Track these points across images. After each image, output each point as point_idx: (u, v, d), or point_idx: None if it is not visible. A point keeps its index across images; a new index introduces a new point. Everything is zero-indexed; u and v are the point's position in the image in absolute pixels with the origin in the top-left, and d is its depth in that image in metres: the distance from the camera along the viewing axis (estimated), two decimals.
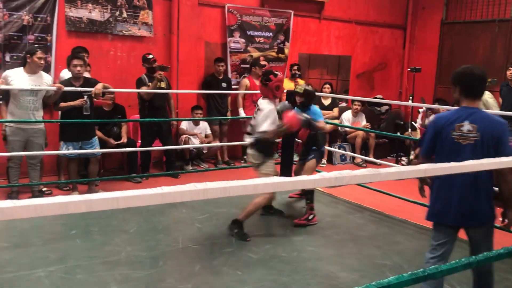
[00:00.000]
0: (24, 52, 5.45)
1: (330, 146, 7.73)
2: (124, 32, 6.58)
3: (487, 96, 6.81)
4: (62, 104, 5.20)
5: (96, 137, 5.53)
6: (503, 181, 2.77)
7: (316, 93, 7.93)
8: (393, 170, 1.41)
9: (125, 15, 6.54)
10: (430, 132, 2.92)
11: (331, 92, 7.93)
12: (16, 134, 5.08)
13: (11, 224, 4.28)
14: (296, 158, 7.31)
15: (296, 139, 6.64)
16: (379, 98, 8.62)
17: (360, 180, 1.38)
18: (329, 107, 8.05)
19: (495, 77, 6.34)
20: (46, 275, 3.43)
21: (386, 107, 8.82)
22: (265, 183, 1.26)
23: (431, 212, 2.97)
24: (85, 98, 5.19)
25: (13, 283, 3.32)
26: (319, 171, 5.76)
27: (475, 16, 8.60)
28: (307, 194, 4.88)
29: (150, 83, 6.09)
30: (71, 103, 5.16)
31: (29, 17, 5.89)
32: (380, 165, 6.64)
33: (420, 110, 8.36)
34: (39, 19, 5.96)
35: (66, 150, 5.28)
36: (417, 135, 7.56)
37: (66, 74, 5.52)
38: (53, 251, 3.85)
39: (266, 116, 4.29)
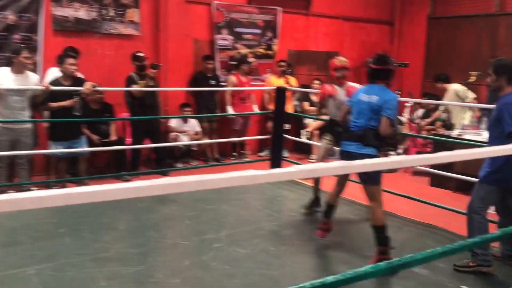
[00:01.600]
0: (9, 51, 5.44)
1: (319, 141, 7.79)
2: (111, 30, 6.58)
3: (459, 87, 6.93)
4: (53, 104, 5.20)
5: (84, 136, 5.54)
6: None
7: (306, 89, 8.03)
8: (366, 162, 1.45)
9: (112, 13, 6.54)
10: None
11: None
12: (3, 134, 5.08)
13: None
14: (286, 153, 7.39)
15: (286, 136, 6.70)
16: None
17: (333, 172, 1.42)
18: (318, 104, 8.09)
19: (481, 72, 6.41)
20: (35, 273, 3.45)
21: None
22: (241, 175, 1.30)
23: None
24: (77, 98, 5.20)
25: (2, 281, 3.34)
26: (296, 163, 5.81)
27: (461, 11, 8.68)
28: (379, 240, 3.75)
29: (140, 81, 6.11)
30: (63, 103, 5.17)
31: (15, 16, 5.87)
32: None
33: (408, 104, 8.44)
34: (24, 18, 5.94)
35: (55, 150, 5.30)
36: (405, 130, 7.63)
37: (53, 72, 5.52)
38: (42, 249, 3.87)
39: None
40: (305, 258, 3.90)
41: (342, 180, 4.14)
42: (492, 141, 3.55)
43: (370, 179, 3.62)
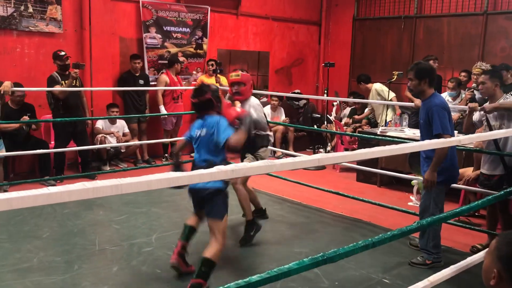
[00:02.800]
0: None
1: None
2: (31, 28, 6.23)
3: (380, 86, 7.29)
4: None
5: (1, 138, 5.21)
6: None
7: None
8: (287, 160, 1.48)
9: (31, 10, 6.19)
10: (447, 115, 3.58)
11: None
12: None
13: None
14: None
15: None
16: (297, 93, 8.87)
17: (256, 171, 1.43)
18: None
19: (401, 71, 6.74)
20: None
21: (304, 101, 9.09)
22: (159, 179, 1.27)
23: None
24: None
25: None
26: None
27: (383, 12, 9.09)
28: None
29: (63, 82, 5.84)
30: None
31: None
32: None
33: (334, 103, 8.72)
34: None
35: None
36: (333, 128, 7.88)
37: None
38: None
39: None
40: (236, 258, 3.91)
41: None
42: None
43: (212, 213, 3.31)
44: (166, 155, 7.41)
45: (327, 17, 9.98)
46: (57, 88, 5.75)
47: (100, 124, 6.66)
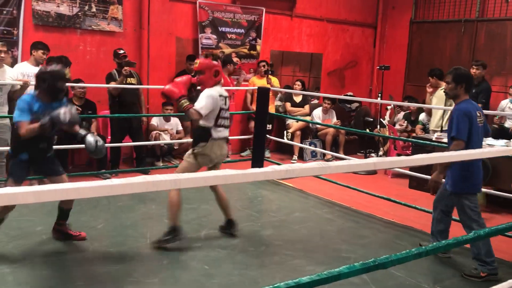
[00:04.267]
0: None
1: (301, 142, 7.83)
2: (93, 27, 6.51)
3: None
4: None
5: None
6: None
7: (288, 90, 8.06)
8: (342, 163, 1.47)
9: (94, 9, 6.47)
10: (467, 121, 3.60)
11: (303, 89, 8.01)
12: None
13: None
14: (268, 154, 7.41)
15: (268, 136, 6.72)
16: (350, 96, 8.76)
17: (310, 173, 1.43)
18: (301, 104, 8.14)
19: None
20: (11, 272, 3.39)
21: (356, 104, 8.96)
22: (216, 175, 1.30)
23: None
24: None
25: None
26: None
27: (443, 15, 8.81)
28: None
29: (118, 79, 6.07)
30: None
31: None
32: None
33: (388, 107, 8.53)
34: (4, 12, 5.84)
35: None
36: (386, 132, 7.72)
37: (25, 67, 5.38)
38: (18, 247, 3.80)
39: None
40: (284, 259, 3.91)
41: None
42: (449, 145, 3.83)
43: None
44: None
45: (383, 20, 9.79)
46: (110, 84, 5.97)
47: (155, 121, 6.87)
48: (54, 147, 3.99)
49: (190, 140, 7.04)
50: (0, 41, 5.15)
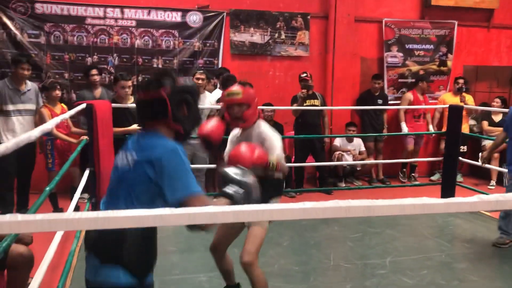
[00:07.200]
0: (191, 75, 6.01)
1: (500, 166, 6.98)
2: (282, 53, 6.88)
3: None
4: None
5: None
6: None
7: (486, 108, 7.30)
8: None
9: (283, 36, 6.85)
10: None
11: (503, 107, 7.17)
12: (186, 149, 5.62)
13: (177, 230, 4.72)
14: (460, 178, 6.78)
15: (461, 158, 6.15)
16: None
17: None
18: (501, 124, 7.27)
19: None
20: (207, 280, 3.71)
21: None
22: (414, 203, 1.21)
23: None
24: None
25: (178, 284, 3.66)
26: (472, 189, 5.24)
27: None
28: None
29: (299, 99, 6.27)
30: None
31: (200, 43, 6.53)
32: None
33: None
34: (207, 44, 6.57)
35: None
36: None
37: (217, 94, 5.88)
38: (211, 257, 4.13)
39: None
40: None
41: None
42: None
43: None
44: (401, 175, 7.19)
45: None
46: (293, 107, 6.19)
47: (338, 141, 6.89)
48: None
49: (373, 161, 6.91)
50: (199, 70, 5.77)
